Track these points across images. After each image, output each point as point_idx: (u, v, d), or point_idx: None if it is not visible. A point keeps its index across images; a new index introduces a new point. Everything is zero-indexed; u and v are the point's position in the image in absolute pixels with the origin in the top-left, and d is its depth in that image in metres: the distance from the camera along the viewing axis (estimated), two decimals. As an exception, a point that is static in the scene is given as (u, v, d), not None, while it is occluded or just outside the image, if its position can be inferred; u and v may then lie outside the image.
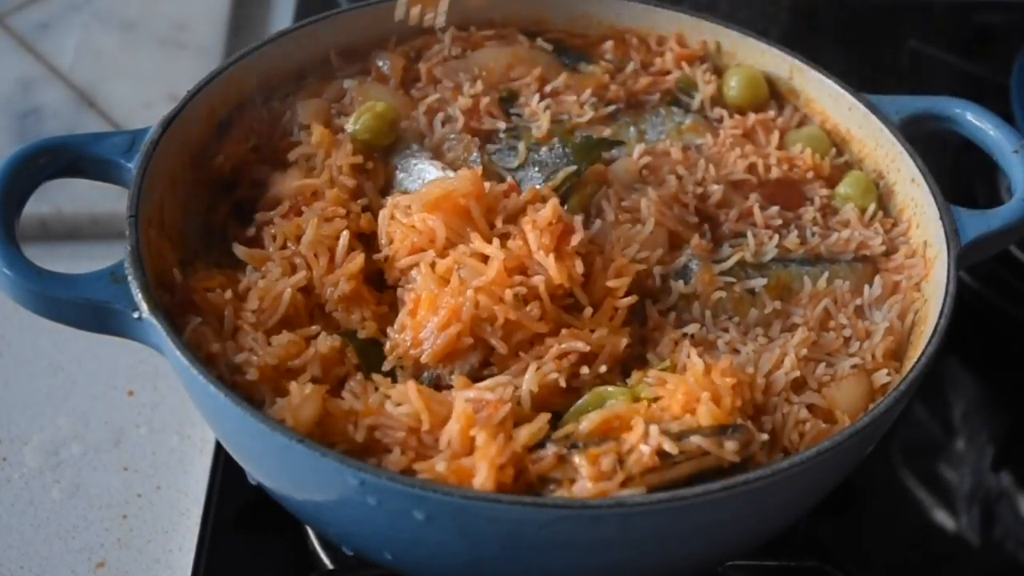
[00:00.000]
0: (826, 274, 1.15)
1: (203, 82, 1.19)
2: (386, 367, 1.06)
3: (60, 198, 1.46)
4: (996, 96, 1.48)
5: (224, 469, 1.23)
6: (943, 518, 1.32)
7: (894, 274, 1.16)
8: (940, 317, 1.06)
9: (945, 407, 1.43)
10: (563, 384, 1.03)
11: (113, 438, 1.30)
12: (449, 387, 1.03)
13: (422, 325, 1.04)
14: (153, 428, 1.31)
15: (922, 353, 1.03)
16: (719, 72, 1.33)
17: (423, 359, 1.04)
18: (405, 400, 0.99)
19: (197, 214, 1.19)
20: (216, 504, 1.22)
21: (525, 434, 0.97)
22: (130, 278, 1.02)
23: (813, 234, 1.19)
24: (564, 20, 1.36)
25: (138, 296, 1.02)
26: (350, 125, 1.20)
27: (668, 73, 1.32)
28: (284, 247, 1.12)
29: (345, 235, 1.10)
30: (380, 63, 1.28)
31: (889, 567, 1.27)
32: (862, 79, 1.28)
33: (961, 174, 1.57)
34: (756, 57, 1.32)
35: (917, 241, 1.18)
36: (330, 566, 1.20)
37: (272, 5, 1.84)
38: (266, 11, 1.83)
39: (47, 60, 1.67)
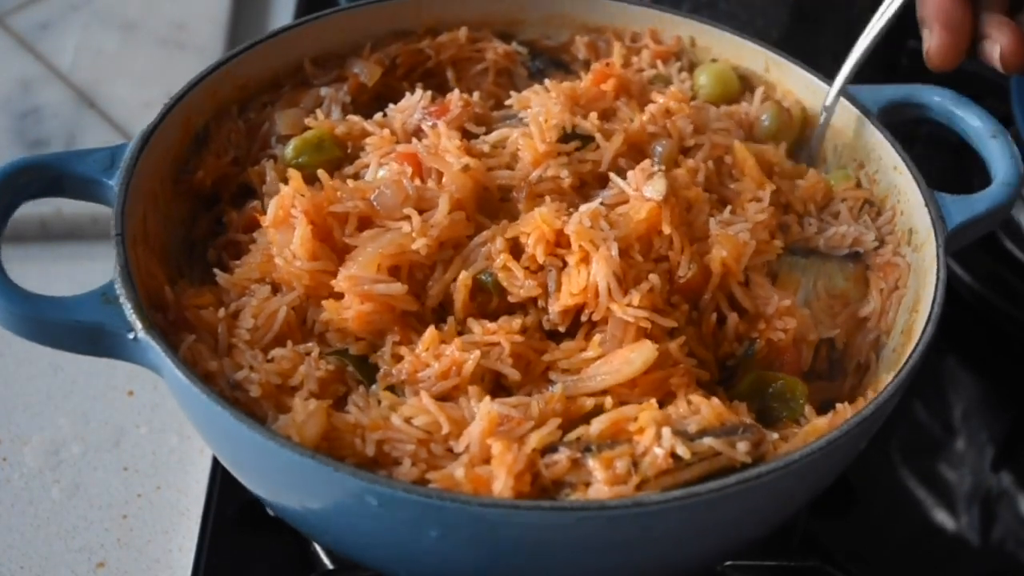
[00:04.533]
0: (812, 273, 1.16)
1: (179, 94, 1.17)
2: (375, 389, 1.04)
3: (60, 198, 1.46)
4: (996, 96, 1.48)
5: (224, 469, 1.23)
6: (943, 518, 1.32)
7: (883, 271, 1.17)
8: (933, 305, 1.06)
9: (945, 407, 1.43)
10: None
11: (113, 438, 1.30)
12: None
13: (423, 365, 1.02)
14: (153, 428, 1.31)
15: (918, 341, 1.03)
16: (695, 67, 1.33)
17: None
18: (419, 413, 0.98)
19: (179, 228, 1.18)
20: (216, 504, 1.21)
21: (535, 438, 0.96)
22: (122, 298, 0.99)
23: (809, 224, 1.19)
24: (539, 19, 1.35)
25: (132, 316, 0.99)
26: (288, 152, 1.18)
27: (642, 71, 1.32)
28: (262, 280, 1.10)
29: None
30: (356, 70, 1.28)
31: (889, 567, 1.27)
32: (862, 79, 1.28)
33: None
34: (732, 51, 1.32)
35: (902, 229, 1.18)
36: (330, 566, 1.20)
37: (272, 5, 1.84)
38: (266, 11, 1.83)
39: (47, 60, 1.67)
